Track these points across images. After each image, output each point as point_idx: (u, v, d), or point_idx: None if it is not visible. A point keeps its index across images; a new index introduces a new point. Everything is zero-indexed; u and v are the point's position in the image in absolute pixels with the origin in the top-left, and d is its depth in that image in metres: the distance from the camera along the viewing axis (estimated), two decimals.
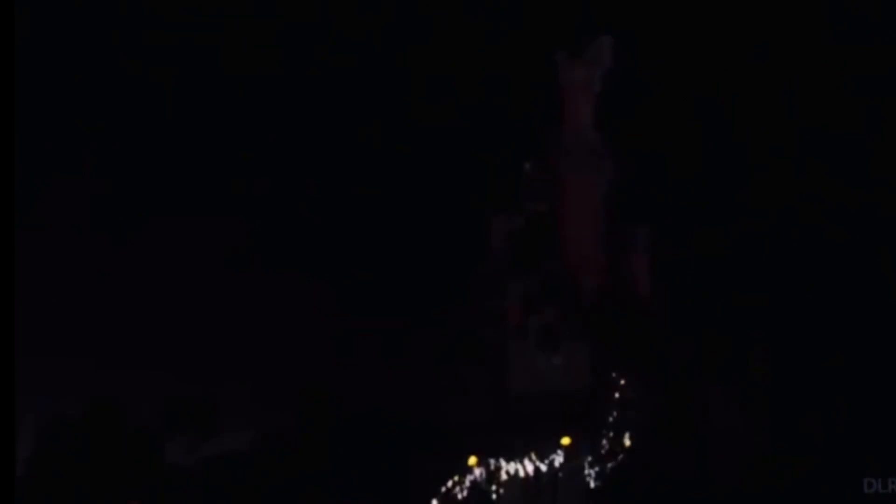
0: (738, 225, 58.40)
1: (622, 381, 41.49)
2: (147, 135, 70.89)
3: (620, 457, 38.01)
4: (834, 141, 61.92)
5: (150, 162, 70.98)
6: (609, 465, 37.77)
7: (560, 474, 37.80)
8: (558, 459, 38.33)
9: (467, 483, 37.62)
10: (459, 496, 37.13)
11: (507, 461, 37.57)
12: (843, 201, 59.42)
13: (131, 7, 69.75)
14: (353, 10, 68.91)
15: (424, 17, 66.59)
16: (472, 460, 38.06)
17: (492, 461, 37.72)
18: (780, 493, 36.66)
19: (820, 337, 45.13)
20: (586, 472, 37.24)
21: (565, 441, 37.43)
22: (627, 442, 38.42)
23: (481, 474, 37.74)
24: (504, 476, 37.44)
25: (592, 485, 37.07)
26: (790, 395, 41.26)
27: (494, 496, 37.83)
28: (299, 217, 68.11)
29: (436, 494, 37.04)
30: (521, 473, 37.41)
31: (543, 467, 38.70)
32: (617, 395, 40.96)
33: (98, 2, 68.66)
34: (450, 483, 37.23)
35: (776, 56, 64.28)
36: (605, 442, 38.45)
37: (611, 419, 39.36)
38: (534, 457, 37.78)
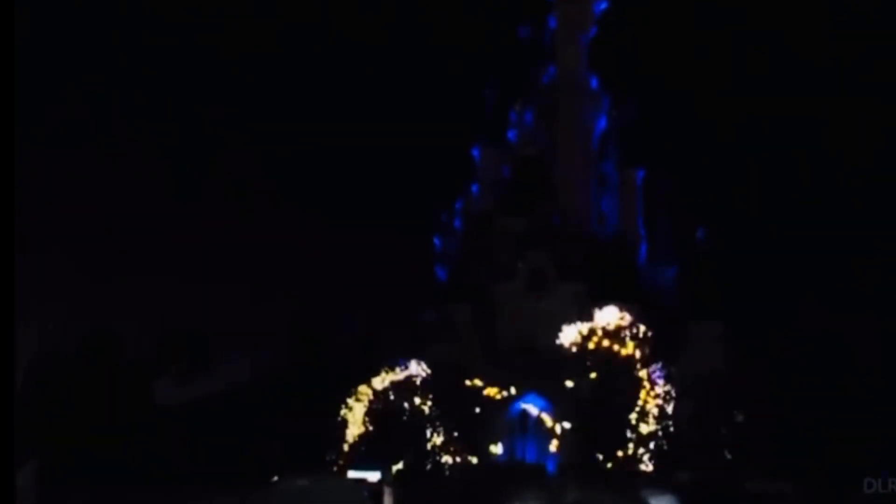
0: (734, 166, 58.17)
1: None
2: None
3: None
4: (834, 81, 61.25)
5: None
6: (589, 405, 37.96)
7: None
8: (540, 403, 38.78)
9: None
10: None
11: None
12: (844, 143, 59.14)
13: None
14: None
15: None
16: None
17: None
18: (747, 439, 36.96)
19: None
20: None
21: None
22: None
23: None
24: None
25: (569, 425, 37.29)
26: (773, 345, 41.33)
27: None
28: (295, 150, 67.85)
29: None
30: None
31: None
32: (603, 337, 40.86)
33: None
34: None
35: None
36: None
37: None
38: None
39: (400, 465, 35.24)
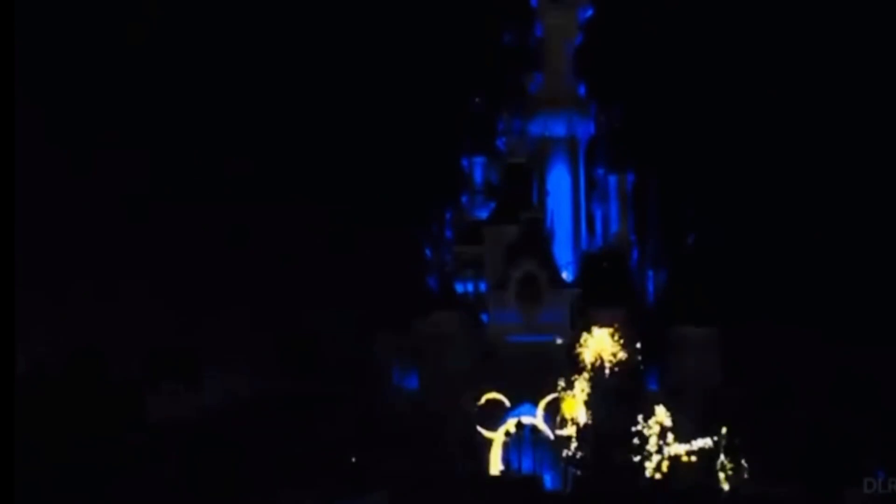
0: (723, 170, 58.17)
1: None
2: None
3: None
4: (823, 84, 61.43)
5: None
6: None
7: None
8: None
9: None
10: None
11: None
12: (831, 145, 59.22)
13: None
14: None
15: None
16: None
17: None
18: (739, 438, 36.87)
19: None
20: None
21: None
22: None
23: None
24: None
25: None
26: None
27: None
28: (282, 167, 67.67)
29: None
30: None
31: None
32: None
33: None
34: None
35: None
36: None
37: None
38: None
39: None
